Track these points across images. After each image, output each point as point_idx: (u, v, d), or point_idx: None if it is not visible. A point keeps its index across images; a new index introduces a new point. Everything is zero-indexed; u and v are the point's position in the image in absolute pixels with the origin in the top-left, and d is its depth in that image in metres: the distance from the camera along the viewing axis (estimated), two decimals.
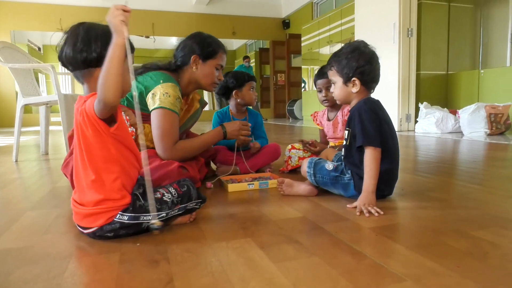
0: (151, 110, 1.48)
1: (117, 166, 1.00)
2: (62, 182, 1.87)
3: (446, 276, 0.75)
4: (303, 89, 9.39)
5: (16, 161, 2.68)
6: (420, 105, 4.47)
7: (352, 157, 1.36)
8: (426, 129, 4.34)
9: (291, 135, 4.81)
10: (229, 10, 10.14)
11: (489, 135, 3.79)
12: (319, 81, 1.85)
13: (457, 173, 1.91)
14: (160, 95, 1.46)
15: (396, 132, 1.44)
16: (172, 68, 1.62)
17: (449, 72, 5.27)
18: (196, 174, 1.56)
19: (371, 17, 4.98)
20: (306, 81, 9.69)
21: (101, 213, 0.99)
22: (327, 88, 1.82)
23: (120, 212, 1.00)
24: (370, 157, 1.25)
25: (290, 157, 1.96)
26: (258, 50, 12.22)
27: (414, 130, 4.62)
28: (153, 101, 1.48)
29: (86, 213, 1.00)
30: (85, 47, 0.96)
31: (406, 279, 0.74)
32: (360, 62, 1.32)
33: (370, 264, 0.82)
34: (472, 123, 3.84)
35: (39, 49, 11.33)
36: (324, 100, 1.86)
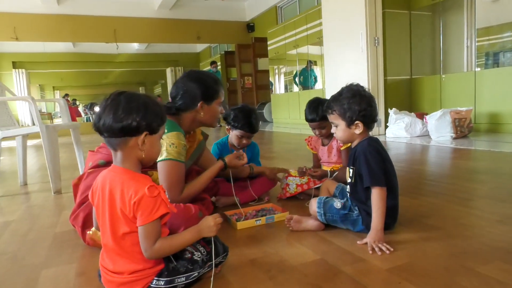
0: (158, 161, 1.49)
1: None
2: (60, 226, 1.83)
3: None
4: (271, 92, 9.51)
5: None
6: (390, 111, 4.70)
7: (358, 194, 1.45)
8: (397, 134, 4.58)
9: (262, 145, 4.90)
10: (192, 15, 10.04)
11: (454, 138, 4.07)
12: (312, 124, 1.97)
13: (441, 192, 2.06)
14: (166, 146, 1.48)
15: None
16: (172, 111, 1.63)
17: (412, 77, 5.57)
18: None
19: (339, 27, 5.15)
20: (273, 82, 9.82)
21: (137, 280, 1.01)
22: (320, 127, 1.96)
23: (155, 278, 1.02)
24: (378, 197, 1.34)
25: (288, 185, 2.03)
26: (223, 53, 12.21)
27: (385, 134, 4.85)
28: None
29: (121, 282, 1.01)
30: (126, 116, 0.97)
31: None
32: (362, 106, 1.41)
33: None
34: (439, 128, 4.10)
35: None
36: (319, 137, 2.02)
